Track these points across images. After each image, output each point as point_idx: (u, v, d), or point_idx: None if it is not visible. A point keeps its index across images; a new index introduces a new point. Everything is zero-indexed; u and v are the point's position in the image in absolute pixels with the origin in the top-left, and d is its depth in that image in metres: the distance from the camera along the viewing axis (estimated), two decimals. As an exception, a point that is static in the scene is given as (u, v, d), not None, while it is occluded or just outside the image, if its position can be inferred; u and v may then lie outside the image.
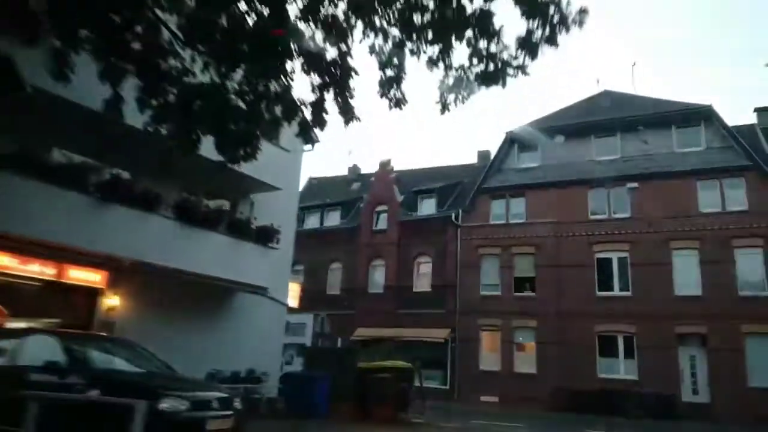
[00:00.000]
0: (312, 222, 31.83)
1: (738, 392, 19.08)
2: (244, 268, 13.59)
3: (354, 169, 35.45)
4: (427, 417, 14.15)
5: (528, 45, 6.31)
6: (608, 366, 21.53)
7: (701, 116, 22.49)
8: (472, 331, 24.24)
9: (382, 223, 28.67)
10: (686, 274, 20.96)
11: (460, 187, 27.97)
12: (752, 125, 23.85)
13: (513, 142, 26.31)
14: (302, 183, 36.89)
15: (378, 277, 28.05)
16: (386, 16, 6.66)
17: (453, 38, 6.55)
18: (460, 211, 26.08)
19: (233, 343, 14.14)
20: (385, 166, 29.83)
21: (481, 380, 23.41)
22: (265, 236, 14.06)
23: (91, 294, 11.53)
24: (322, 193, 33.52)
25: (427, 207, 28.12)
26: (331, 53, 7.04)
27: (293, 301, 16.54)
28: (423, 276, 26.90)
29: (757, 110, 24.35)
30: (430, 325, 25.03)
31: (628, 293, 21.82)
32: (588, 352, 21.75)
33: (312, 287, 29.65)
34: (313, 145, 17.91)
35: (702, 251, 20.88)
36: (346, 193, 32.73)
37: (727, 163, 21.29)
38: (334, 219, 31.23)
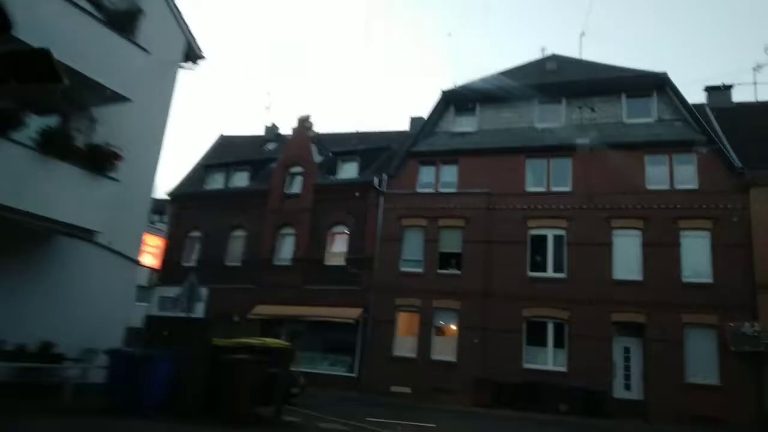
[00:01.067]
0: (216, 183, 27.62)
1: (675, 388, 17.02)
2: (61, 200, 9.59)
3: (272, 129, 31.29)
4: (310, 412, 10.79)
5: None
6: (535, 356, 19.04)
7: (654, 85, 20.27)
8: (387, 311, 21.12)
9: (296, 187, 24.95)
10: (627, 256, 18.73)
11: (388, 153, 24.69)
12: (702, 105, 22.00)
13: (449, 102, 23.29)
14: (211, 139, 32.69)
15: (286, 247, 24.34)
16: None
17: None
18: (385, 176, 22.82)
19: (46, 307, 10.15)
20: (303, 121, 26.02)
21: (393, 368, 20.34)
22: (98, 160, 10.06)
23: None
24: (233, 153, 29.28)
25: (349, 171, 24.65)
26: None
27: (149, 258, 12.57)
28: (337, 248, 23.45)
29: (708, 89, 22.58)
30: (341, 303, 21.73)
31: (563, 275, 19.38)
32: (514, 340, 19.18)
33: (210, 257, 25.66)
34: (195, 61, 13.98)
35: (646, 232, 18.69)
36: (259, 153, 28.69)
37: (678, 136, 19.19)
38: (241, 180, 27.13)
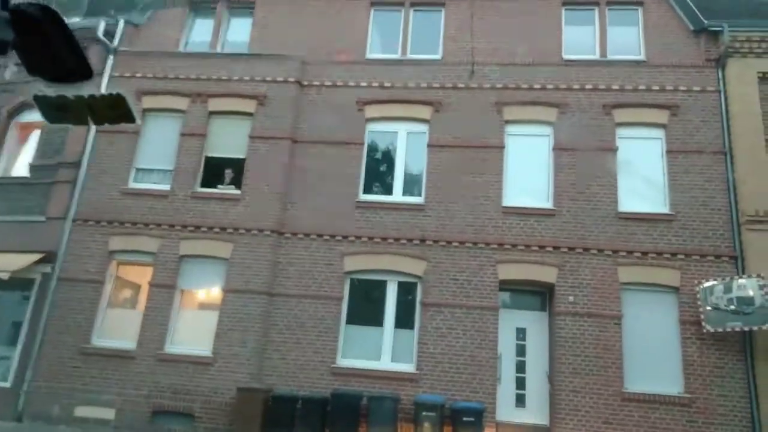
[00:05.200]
0: None
1: (605, 404, 9.16)
2: None
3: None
4: None
5: None
6: (361, 345, 10.18)
7: None
8: (90, 261, 10.95)
9: (-34, 42, 13.72)
10: (528, 168, 10.71)
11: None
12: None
13: None
14: None
15: (-71, 146, 12.99)
16: None
17: None
18: (122, 23, 12.67)
19: None
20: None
21: (89, 371, 10.25)
22: None
23: None
24: None
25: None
26: None
27: None
28: (22, 151, 12.72)
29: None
30: (12, 246, 11.13)
31: (419, 199, 10.82)
32: (326, 315, 10.21)
33: None
34: None
35: (560, 129, 10.77)
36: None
37: (614, -22, 11.77)
38: None
